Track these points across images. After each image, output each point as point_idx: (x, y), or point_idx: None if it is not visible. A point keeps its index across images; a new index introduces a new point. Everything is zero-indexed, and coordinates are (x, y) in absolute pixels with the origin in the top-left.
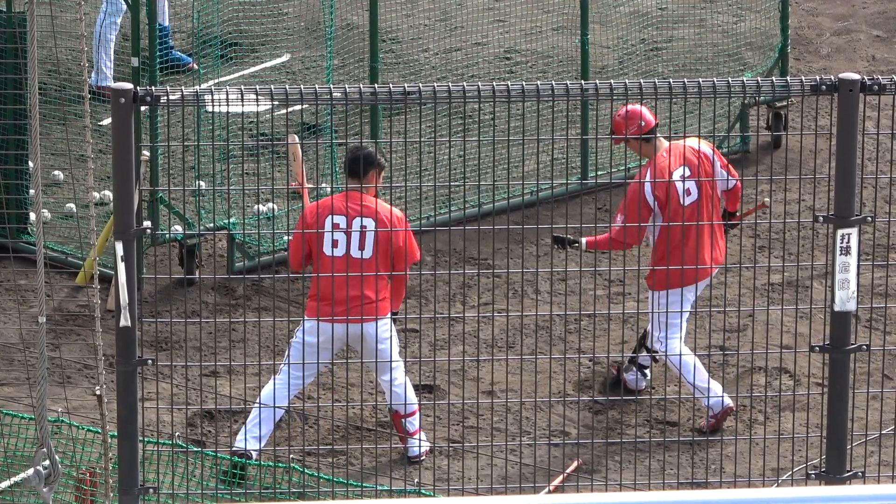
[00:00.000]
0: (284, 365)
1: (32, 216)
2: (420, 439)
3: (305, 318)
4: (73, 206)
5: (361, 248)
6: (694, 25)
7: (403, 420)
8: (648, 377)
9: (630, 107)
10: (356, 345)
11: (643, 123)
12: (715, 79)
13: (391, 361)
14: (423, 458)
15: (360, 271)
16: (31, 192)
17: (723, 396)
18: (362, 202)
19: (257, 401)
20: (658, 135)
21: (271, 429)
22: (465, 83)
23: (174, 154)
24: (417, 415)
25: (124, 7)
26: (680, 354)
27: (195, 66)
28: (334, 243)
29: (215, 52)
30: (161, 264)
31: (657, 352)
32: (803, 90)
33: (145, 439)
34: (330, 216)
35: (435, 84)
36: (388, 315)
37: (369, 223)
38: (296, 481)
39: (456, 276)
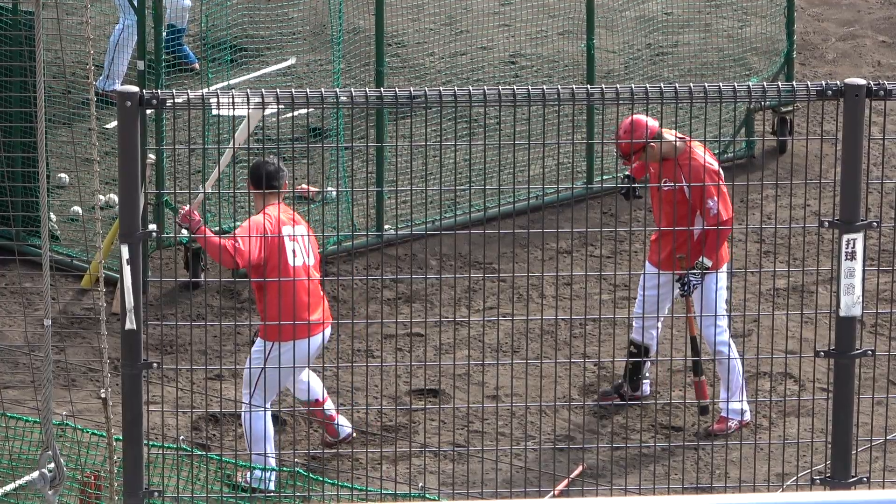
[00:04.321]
0: (257, 391)
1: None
2: (347, 423)
3: (290, 340)
4: (78, 209)
5: (307, 255)
6: (699, 30)
7: (324, 407)
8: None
9: (628, 120)
10: (320, 350)
11: (648, 131)
12: (721, 84)
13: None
14: (354, 435)
15: (311, 277)
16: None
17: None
18: (291, 214)
19: (246, 433)
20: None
21: (273, 451)
22: (470, 87)
23: (180, 157)
24: (329, 399)
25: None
26: (729, 346)
27: (197, 67)
28: (294, 253)
29: (225, 57)
30: (166, 267)
31: (636, 391)
32: (809, 95)
33: (150, 443)
34: (286, 227)
35: (441, 88)
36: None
37: (304, 230)
38: (300, 485)
39: (461, 280)
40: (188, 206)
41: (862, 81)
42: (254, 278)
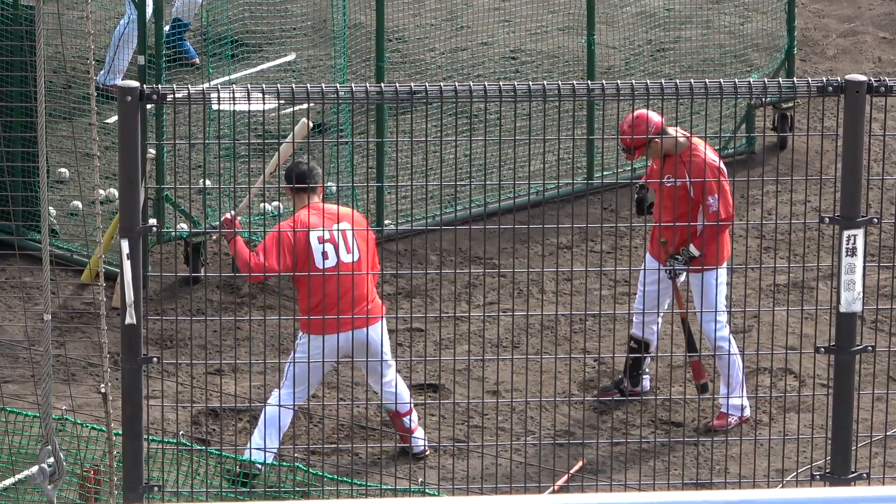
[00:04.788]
0: (287, 381)
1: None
2: (423, 437)
3: (310, 335)
4: (78, 203)
5: (349, 251)
6: (700, 26)
7: (405, 418)
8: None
9: (632, 116)
10: (361, 350)
11: (652, 126)
12: (721, 80)
13: (383, 362)
14: (428, 452)
15: (353, 274)
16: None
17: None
18: (334, 211)
19: (262, 412)
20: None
21: (277, 443)
22: (471, 83)
23: (180, 152)
24: (414, 412)
25: (149, 15)
26: (729, 342)
27: (198, 62)
28: (324, 255)
29: (227, 52)
30: (166, 262)
31: (638, 385)
32: (810, 91)
33: (150, 437)
34: (313, 231)
35: (441, 83)
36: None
37: (346, 226)
38: (300, 480)
39: (461, 276)
40: (232, 211)
41: (863, 78)
42: (288, 276)
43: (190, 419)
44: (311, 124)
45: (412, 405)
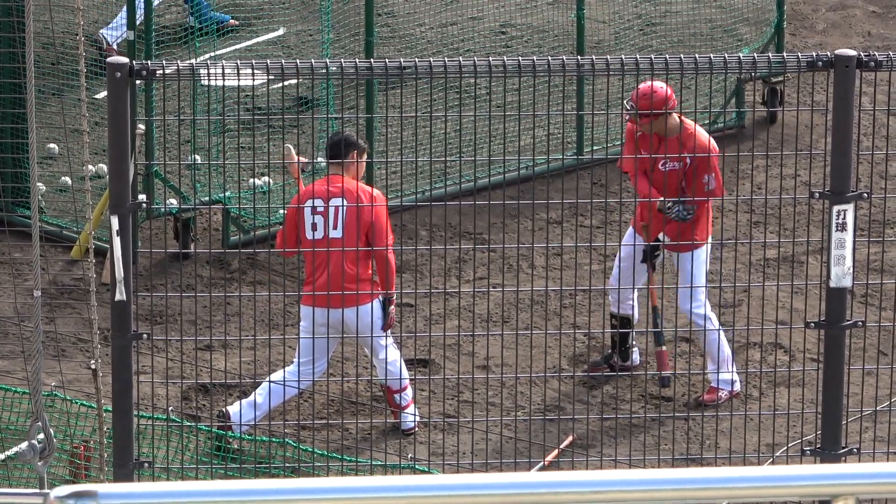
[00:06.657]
0: (299, 355)
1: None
2: (414, 413)
3: (301, 305)
4: (68, 179)
5: (335, 227)
6: (689, 0)
7: (396, 395)
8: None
9: (655, 85)
10: (346, 329)
11: (672, 101)
12: (711, 54)
13: (378, 339)
14: (416, 430)
15: (338, 250)
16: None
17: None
18: (341, 184)
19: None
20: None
21: (266, 410)
22: (460, 58)
23: (170, 128)
24: (409, 389)
25: None
26: (706, 319)
27: (235, 23)
28: (313, 226)
29: (213, 27)
30: (156, 238)
31: (626, 362)
32: (800, 66)
33: (140, 413)
34: (309, 200)
35: (430, 59)
36: (375, 294)
37: (340, 202)
38: (290, 456)
39: (451, 251)
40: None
41: (852, 52)
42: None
43: (180, 395)
44: (290, 148)
45: (407, 382)
